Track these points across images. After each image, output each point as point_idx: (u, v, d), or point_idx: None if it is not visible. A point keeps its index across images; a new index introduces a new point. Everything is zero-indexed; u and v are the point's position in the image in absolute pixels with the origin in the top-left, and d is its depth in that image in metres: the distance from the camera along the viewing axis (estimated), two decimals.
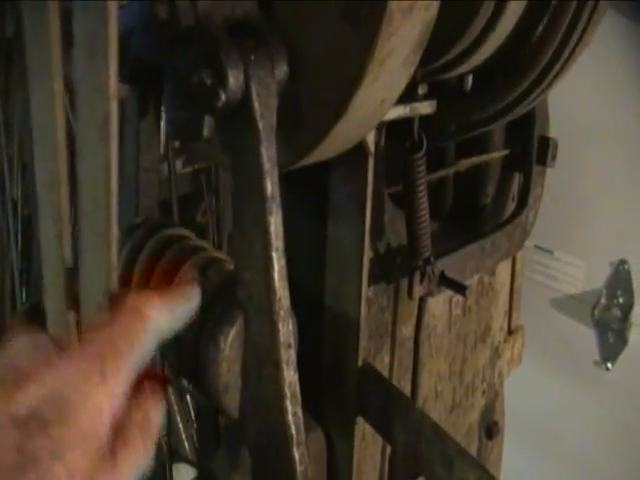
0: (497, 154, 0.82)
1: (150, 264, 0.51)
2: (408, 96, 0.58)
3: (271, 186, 0.41)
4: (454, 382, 0.82)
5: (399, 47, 0.43)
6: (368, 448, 0.68)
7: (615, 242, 1.41)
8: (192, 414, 1.57)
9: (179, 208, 1.72)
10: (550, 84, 0.67)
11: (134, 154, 0.53)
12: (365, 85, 0.43)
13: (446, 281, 0.66)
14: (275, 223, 0.42)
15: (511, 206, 0.87)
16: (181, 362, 0.48)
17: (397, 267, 0.66)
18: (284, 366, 0.43)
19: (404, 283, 0.67)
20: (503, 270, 0.88)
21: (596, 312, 1.50)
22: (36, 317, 0.67)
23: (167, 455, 0.86)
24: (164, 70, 0.48)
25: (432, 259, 0.63)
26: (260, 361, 0.44)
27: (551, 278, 1.56)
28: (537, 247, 1.53)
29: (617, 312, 1.47)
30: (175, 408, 1.30)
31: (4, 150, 1.69)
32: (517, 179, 0.88)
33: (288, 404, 0.43)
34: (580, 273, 1.51)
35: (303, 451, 0.44)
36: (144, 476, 0.39)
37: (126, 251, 0.52)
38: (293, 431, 0.43)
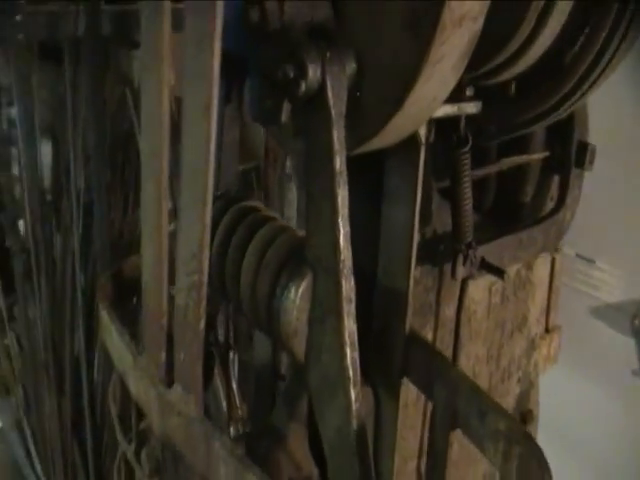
0: (538, 155, 0.88)
1: None
2: (456, 97, 0.66)
3: (340, 163, 0.49)
4: (491, 366, 0.88)
5: (449, 53, 0.50)
6: (409, 417, 0.75)
7: None
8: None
9: None
10: (589, 89, 0.73)
11: (218, 134, 0.61)
12: (420, 84, 0.50)
13: (486, 265, 0.73)
14: (342, 195, 0.49)
15: (549, 206, 0.93)
16: (255, 313, 0.56)
17: (441, 252, 0.73)
18: (345, 317, 0.50)
19: (447, 267, 0.74)
20: (541, 265, 0.94)
21: (636, 322, 1.52)
22: (119, 281, 0.75)
23: (226, 414, 0.95)
24: (248, 63, 0.56)
25: (474, 244, 0.70)
26: (325, 313, 0.52)
27: (591, 286, 1.59)
28: (579, 256, 1.57)
29: None
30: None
31: (71, 142, 1.80)
32: (555, 181, 0.94)
33: (348, 350, 0.51)
34: (620, 282, 1.54)
35: (358, 391, 0.51)
36: None
37: None
38: (350, 373, 0.51)
